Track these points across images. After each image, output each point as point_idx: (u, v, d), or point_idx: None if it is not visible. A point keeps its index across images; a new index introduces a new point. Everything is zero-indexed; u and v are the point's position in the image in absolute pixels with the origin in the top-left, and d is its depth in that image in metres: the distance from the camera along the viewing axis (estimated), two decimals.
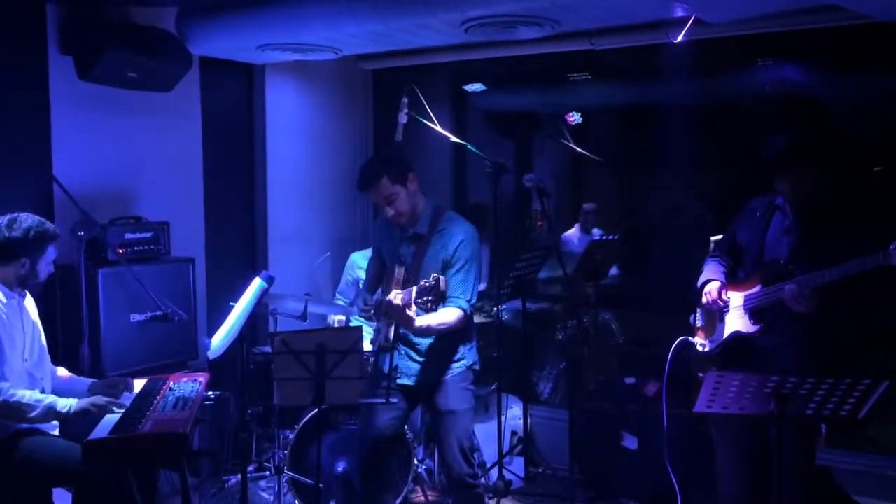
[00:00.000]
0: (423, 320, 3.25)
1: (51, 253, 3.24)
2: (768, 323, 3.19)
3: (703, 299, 3.38)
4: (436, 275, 3.08)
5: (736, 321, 3.30)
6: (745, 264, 3.38)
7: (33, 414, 3.03)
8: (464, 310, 3.32)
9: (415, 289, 3.10)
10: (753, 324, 3.23)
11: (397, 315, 3.17)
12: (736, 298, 3.31)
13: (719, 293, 3.33)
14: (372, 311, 3.47)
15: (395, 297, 3.12)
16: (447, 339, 3.43)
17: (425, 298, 3.07)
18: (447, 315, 3.30)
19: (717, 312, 3.37)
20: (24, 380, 3.13)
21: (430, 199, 3.49)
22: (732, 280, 3.40)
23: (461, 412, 3.46)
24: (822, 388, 2.61)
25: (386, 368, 3.47)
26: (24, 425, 3.13)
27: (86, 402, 3.17)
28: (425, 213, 3.43)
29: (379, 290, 3.61)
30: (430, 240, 3.38)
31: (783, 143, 3.17)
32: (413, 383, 3.48)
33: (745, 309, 3.26)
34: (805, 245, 3.15)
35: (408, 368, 3.49)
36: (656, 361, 3.60)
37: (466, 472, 3.45)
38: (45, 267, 3.23)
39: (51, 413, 3.07)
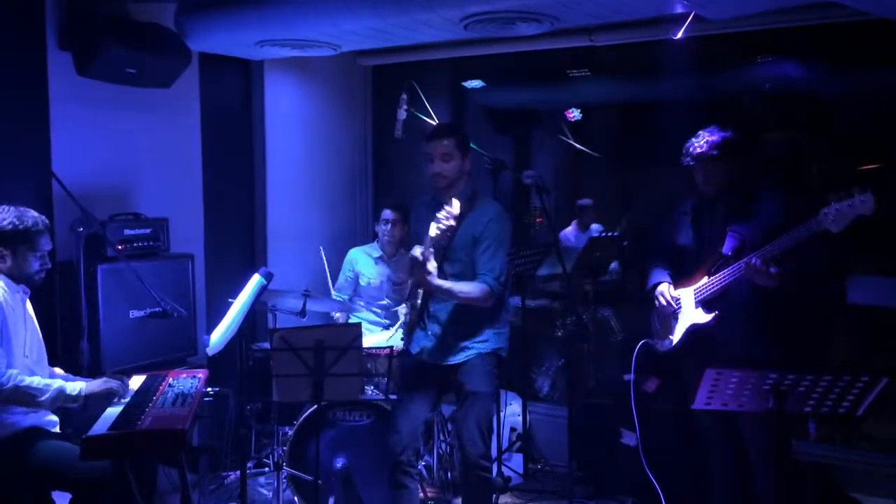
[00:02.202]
0: (443, 282, 3.31)
1: (43, 245, 3.19)
2: (721, 311, 3.31)
3: (656, 302, 3.52)
4: (452, 199, 3.14)
5: (690, 315, 3.41)
6: (687, 263, 3.50)
7: (44, 398, 3.04)
8: (490, 286, 3.37)
9: (433, 223, 3.14)
10: (707, 313, 3.34)
11: (416, 270, 3.22)
12: (686, 294, 3.44)
13: (669, 293, 3.48)
14: (403, 285, 3.60)
15: (416, 250, 3.19)
16: (472, 317, 3.49)
17: (444, 224, 3.11)
18: (471, 286, 3.37)
19: (671, 312, 3.48)
20: (24, 374, 3.13)
21: (470, 186, 3.59)
22: (678, 280, 3.52)
23: (484, 394, 3.51)
24: (820, 384, 2.61)
25: (413, 349, 3.56)
26: (28, 423, 3.15)
27: (97, 384, 3.19)
28: (464, 193, 3.51)
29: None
30: (464, 216, 3.42)
31: (699, 143, 3.35)
32: (440, 361, 3.51)
33: (696, 301, 3.38)
34: (738, 232, 3.29)
35: (434, 348, 3.54)
36: (657, 359, 3.63)
37: (482, 452, 3.49)
38: (33, 260, 3.18)
39: (60, 397, 3.08)
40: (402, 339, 3.78)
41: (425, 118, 4.10)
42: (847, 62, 4.78)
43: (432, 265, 3.19)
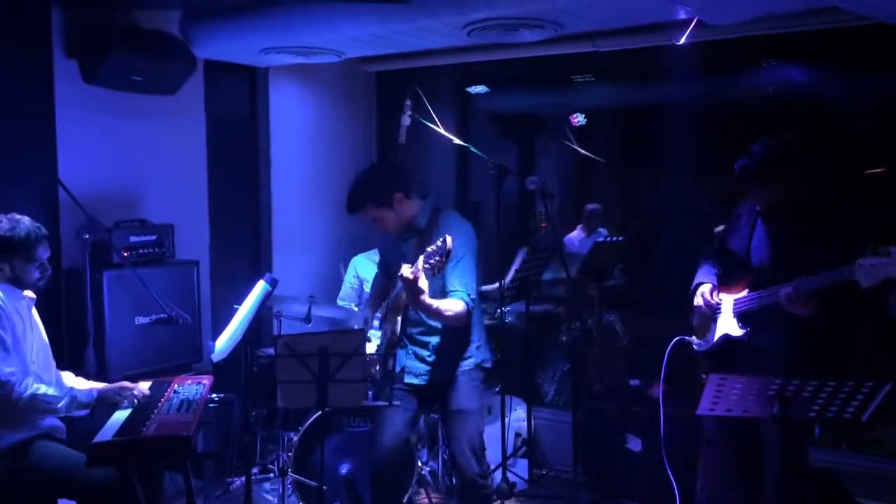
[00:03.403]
0: (431, 300, 3.21)
1: (41, 254, 3.20)
2: (754, 327, 3.26)
3: (695, 301, 3.48)
4: (446, 236, 3.02)
5: (726, 324, 3.37)
6: (735, 269, 3.45)
7: (60, 404, 3.07)
8: (465, 302, 3.32)
9: (422, 256, 3.06)
10: (741, 327, 3.30)
11: (408, 287, 3.11)
12: (727, 301, 3.39)
13: (711, 295, 3.43)
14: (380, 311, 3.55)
15: (405, 269, 3.09)
16: (457, 338, 3.46)
17: (434, 260, 3.01)
18: (453, 304, 3.30)
19: (710, 314, 3.44)
20: (34, 380, 3.14)
21: (429, 200, 3.54)
22: (725, 283, 3.47)
23: (471, 411, 3.47)
24: (825, 390, 2.61)
25: (395, 369, 3.49)
26: (47, 424, 3.17)
27: (106, 389, 3.22)
28: (423, 213, 3.48)
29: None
30: (430, 235, 3.39)
31: (747, 159, 3.26)
32: (423, 382, 3.49)
33: (733, 313, 3.34)
34: (783, 251, 3.24)
35: (416, 368, 3.51)
36: (661, 363, 3.62)
37: (477, 471, 3.45)
38: (31, 270, 3.18)
39: (74, 402, 3.11)
40: (377, 355, 3.72)
41: (429, 124, 4.11)
42: (851, 66, 4.79)
43: (423, 283, 3.11)
